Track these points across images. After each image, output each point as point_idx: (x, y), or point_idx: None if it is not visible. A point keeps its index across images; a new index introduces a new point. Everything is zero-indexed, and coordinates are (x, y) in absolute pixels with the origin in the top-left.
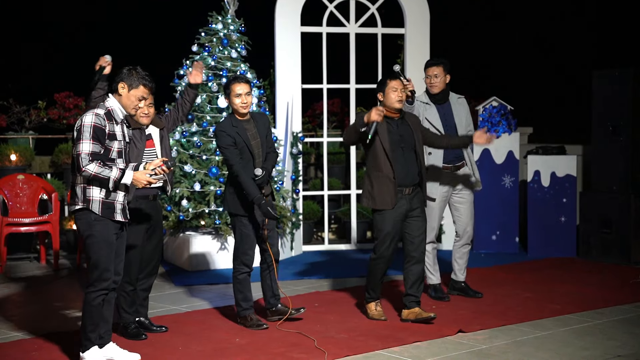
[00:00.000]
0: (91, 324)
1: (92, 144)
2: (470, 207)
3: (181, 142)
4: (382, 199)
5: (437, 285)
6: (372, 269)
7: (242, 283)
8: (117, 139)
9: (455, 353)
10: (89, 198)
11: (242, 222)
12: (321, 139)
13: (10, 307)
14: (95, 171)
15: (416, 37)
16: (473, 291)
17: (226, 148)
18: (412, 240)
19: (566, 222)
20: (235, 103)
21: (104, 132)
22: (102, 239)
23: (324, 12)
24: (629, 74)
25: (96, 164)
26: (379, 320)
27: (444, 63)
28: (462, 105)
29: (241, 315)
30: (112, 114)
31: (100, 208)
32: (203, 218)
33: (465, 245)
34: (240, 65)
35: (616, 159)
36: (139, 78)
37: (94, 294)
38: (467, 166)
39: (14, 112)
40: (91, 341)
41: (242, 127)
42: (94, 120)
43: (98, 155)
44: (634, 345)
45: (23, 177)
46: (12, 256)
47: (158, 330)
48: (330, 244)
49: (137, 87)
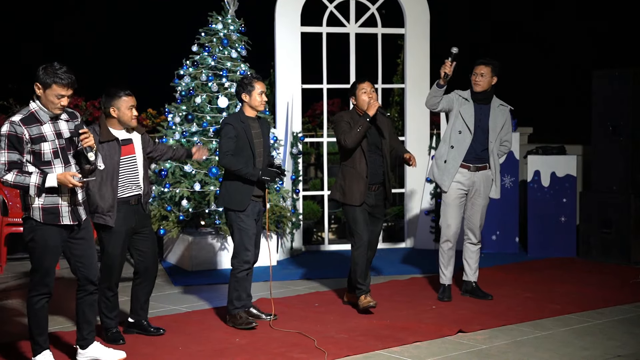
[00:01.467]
0: (37, 327)
1: (7, 153)
2: (483, 210)
3: (181, 142)
4: (352, 195)
5: (445, 286)
6: (357, 259)
7: (239, 281)
8: (46, 140)
9: (455, 353)
10: (29, 206)
11: (239, 217)
12: (321, 139)
13: (10, 307)
14: (13, 181)
15: (416, 37)
16: (483, 293)
17: (227, 138)
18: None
19: (566, 222)
20: (257, 100)
21: (21, 138)
22: (43, 244)
23: (324, 12)
24: (629, 74)
25: (14, 174)
26: (369, 306)
27: (494, 64)
28: (502, 113)
29: (231, 313)
30: (36, 115)
31: (42, 214)
32: (203, 218)
33: (473, 244)
34: (240, 65)
35: (616, 159)
36: (52, 76)
37: (36, 298)
38: (490, 171)
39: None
40: (40, 345)
41: (248, 124)
42: (8, 129)
43: (17, 164)
44: (634, 345)
45: None
46: (12, 256)
47: (155, 332)
48: (330, 244)
49: (50, 87)
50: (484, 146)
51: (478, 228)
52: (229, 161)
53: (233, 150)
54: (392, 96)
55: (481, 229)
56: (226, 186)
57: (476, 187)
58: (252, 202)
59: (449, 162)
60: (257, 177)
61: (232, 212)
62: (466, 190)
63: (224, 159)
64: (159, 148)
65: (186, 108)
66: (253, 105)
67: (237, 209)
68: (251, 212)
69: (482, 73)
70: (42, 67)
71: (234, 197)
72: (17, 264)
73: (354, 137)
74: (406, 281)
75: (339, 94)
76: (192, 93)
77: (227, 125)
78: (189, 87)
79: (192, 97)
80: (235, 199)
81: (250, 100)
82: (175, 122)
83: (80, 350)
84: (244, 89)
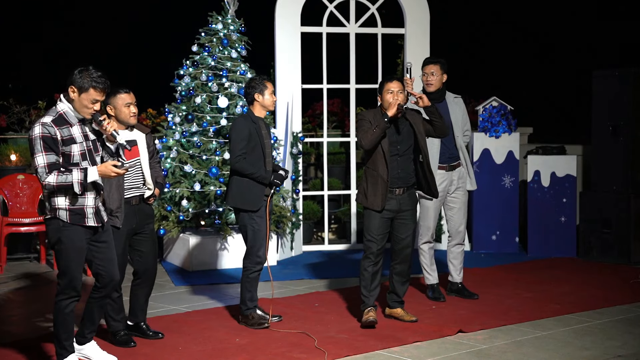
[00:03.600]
0: (65, 331)
1: (45, 155)
2: (464, 207)
3: (181, 142)
4: (373, 199)
5: (434, 286)
6: (362, 268)
7: (252, 282)
8: (75, 142)
9: (455, 353)
10: (55, 207)
11: (253, 218)
12: (321, 139)
13: (10, 307)
14: (57, 181)
15: (416, 37)
16: (469, 292)
17: (241, 139)
18: (399, 241)
19: (566, 222)
20: (270, 100)
21: (55, 139)
22: (70, 244)
23: (324, 12)
24: (629, 74)
25: (55, 174)
26: (367, 325)
27: (441, 62)
28: (458, 104)
29: (245, 313)
30: (65, 117)
31: (68, 215)
32: (203, 218)
33: (458, 245)
34: (240, 65)
35: (616, 159)
36: (89, 80)
37: (65, 302)
38: (462, 166)
39: (14, 112)
40: (67, 349)
41: (259, 125)
42: (41, 131)
43: (56, 165)
44: (634, 345)
45: (23, 177)
46: (12, 256)
47: (153, 336)
48: (330, 244)
49: (87, 91)
50: (452, 142)
51: (463, 227)
52: (242, 165)
53: (245, 153)
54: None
55: (465, 227)
56: (238, 186)
57: (454, 185)
58: (265, 201)
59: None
60: (269, 181)
61: (244, 213)
62: (444, 190)
63: (238, 163)
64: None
65: (186, 108)
66: (265, 105)
67: (251, 209)
68: (262, 212)
69: (433, 72)
70: (78, 71)
71: (247, 197)
72: (17, 264)
73: (369, 138)
74: None
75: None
76: (192, 93)
77: (239, 125)
78: (189, 87)
79: (192, 97)
80: (249, 199)
81: (263, 100)
82: (175, 122)
83: (77, 345)
84: (256, 89)
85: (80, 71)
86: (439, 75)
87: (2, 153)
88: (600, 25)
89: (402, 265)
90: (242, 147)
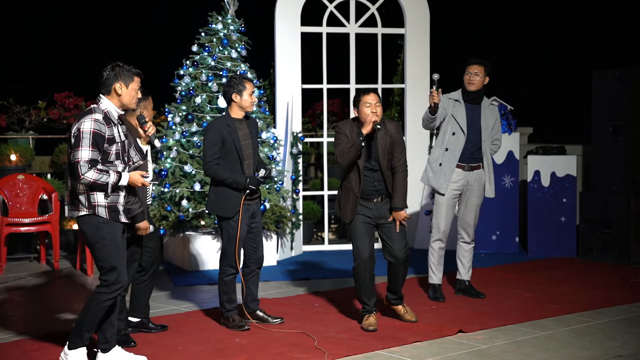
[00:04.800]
0: (91, 323)
1: (91, 151)
2: (476, 209)
3: (181, 142)
4: (344, 210)
5: (436, 286)
6: (356, 277)
7: (227, 285)
8: (115, 142)
9: (455, 353)
10: (94, 204)
11: (229, 224)
12: (321, 139)
13: (10, 307)
14: (94, 178)
15: (416, 37)
16: (476, 291)
17: (211, 145)
18: (391, 244)
19: (566, 222)
20: (248, 101)
21: (104, 137)
22: (112, 241)
23: (324, 12)
24: (629, 74)
25: (94, 172)
26: (367, 330)
27: (486, 65)
28: (492, 112)
29: (225, 316)
30: (109, 116)
31: (107, 212)
32: (203, 218)
33: (468, 243)
34: (240, 65)
35: (616, 159)
36: (129, 71)
37: (107, 296)
38: (484, 170)
39: (14, 112)
40: (82, 340)
41: (235, 127)
42: (93, 127)
43: (96, 162)
44: (634, 345)
45: (23, 177)
46: (12, 256)
47: (160, 329)
48: (330, 244)
49: (133, 80)
50: (477, 146)
51: (472, 227)
52: (214, 171)
53: (218, 158)
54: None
55: (475, 228)
56: (215, 192)
57: (470, 186)
58: (245, 205)
59: (444, 165)
60: (244, 186)
61: (221, 219)
62: (460, 190)
63: (209, 169)
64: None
65: (186, 108)
66: (243, 106)
67: (227, 216)
68: (243, 216)
69: (477, 72)
70: (110, 68)
71: (223, 203)
72: (17, 264)
73: (346, 158)
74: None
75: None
76: (192, 93)
77: (211, 130)
78: (189, 87)
79: (192, 97)
80: (224, 205)
81: (241, 100)
82: (175, 122)
83: (101, 353)
84: (234, 88)
85: (113, 68)
86: (482, 76)
87: (2, 153)
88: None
89: (398, 268)
90: (213, 153)
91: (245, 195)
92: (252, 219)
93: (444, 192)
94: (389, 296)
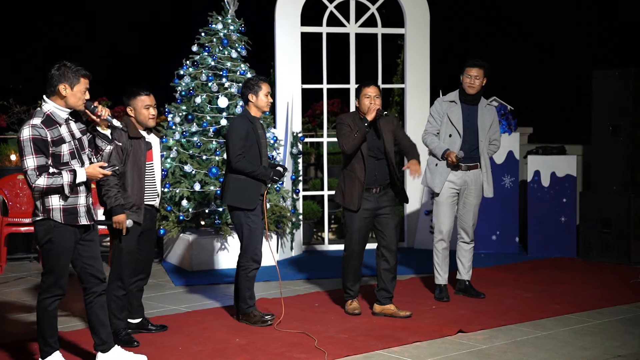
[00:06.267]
0: (50, 329)
1: (35, 158)
2: (475, 208)
3: (181, 142)
4: (350, 199)
5: (442, 286)
6: (345, 267)
7: (251, 280)
8: (65, 142)
9: (455, 353)
10: (49, 208)
11: (249, 216)
12: (321, 139)
13: (10, 307)
14: (46, 184)
15: (416, 37)
16: (476, 291)
17: (239, 139)
18: (384, 236)
19: (566, 222)
20: (264, 101)
21: (45, 141)
22: (60, 245)
23: (324, 12)
24: (629, 74)
25: (45, 177)
26: (353, 314)
27: (485, 67)
28: (490, 112)
29: (246, 312)
30: (52, 117)
31: (62, 215)
32: (203, 218)
33: (467, 243)
34: (240, 65)
35: (616, 159)
36: (75, 72)
37: (50, 300)
38: (482, 170)
39: (14, 112)
40: (52, 346)
41: (256, 124)
42: (31, 133)
43: (45, 167)
44: (634, 345)
45: (23, 177)
46: (12, 256)
47: (156, 330)
48: (330, 244)
49: (79, 82)
50: (474, 146)
51: (471, 227)
52: (243, 164)
53: (244, 152)
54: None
55: (474, 228)
56: (235, 184)
57: (468, 186)
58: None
59: (440, 165)
60: (269, 177)
61: (240, 211)
62: (458, 189)
63: (239, 162)
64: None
65: (186, 108)
66: (259, 106)
67: (248, 208)
68: (258, 210)
69: (477, 75)
70: (56, 68)
71: (244, 196)
72: (17, 264)
73: (351, 143)
74: (406, 281)
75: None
76: (192, 93)
77: (238, 125)
78: (189, 87)
79: (192, 97)
80: (246, 198)
81: (257, 100)
82: (175, 122)
83: (101, 354)
84: (250, 89)
85: (59, 68)
86: (481, 79)
87: (2, 153)
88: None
89: (390, 262)
90: (241, 146)
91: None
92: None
93: (439, 191)
94: (380, 295)
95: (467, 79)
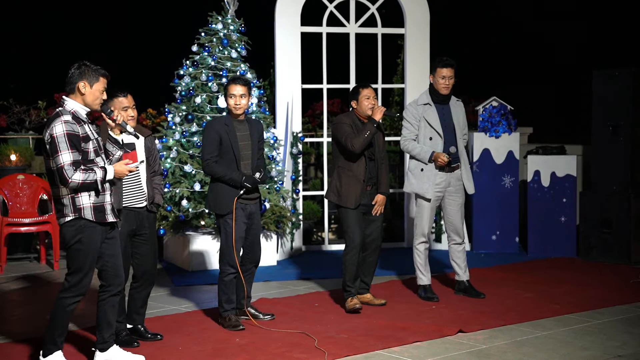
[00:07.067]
0: (61, 327)
1: (71, 153)
2: (461, 208)
3: (181, 142)
4: (347, 197)
5: (427, 286)
6: (347, 262)
7: (227, 285)
8: (90, 139)
9: (455, 353)
10: (79, 207)
11: (226, 221)
12: (321, 139)
13: (10, 307)
14: (82, 179)
15: (416, 37)
16: (476, 291)
17: (209, 144)
18: (369, 233)
19: (566, 222)
20: (229, 103)
21: (78, 137)
22: (89, 244)
23: (324, 12)
24: (629, 74)
25: (80, 172)
26: (354, 309)
27: (455, 65)
28: (460, 107)
29: (222, 315)
30: (77, 115)
31: (93, 213)
32: (203, 218)
33: (459, 244)
34: (240, 65)
35: (616, 159)
36: (95, 71)
37: (70, 300)
38: (462, 169)
39: (14, 112)
40: (56, 345)
41: (233, 127)
42: (65, 129)
43: (79, 162)
44: (634, 345)
45: (23, 177)
46: (12, 256)
47: (152, 338)
48: (330, 244)
49: (98, 80)
50: (454, 145)
51: (461, 227)
52: (211, 169)
53: (216, 156)
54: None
55: (463, 227)
56: (213, 189)
57: (451, 187)
58: (242, 204)
59: (426, 169)
60: (240, 183)
61: (219, 216)
62: (442, 192)
63: (207, 167)
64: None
65: (186, 108)
66: (230, 108)
67: (222, 213)
68: (240, 215)
69: (450, 76)
70: (76, 67)
71: (219, 200)
72: (17, 264)
73: (362, 142)
74: (406, 281)
75: (339, 94)
76: (192, 93)
77: (208, 129)
78: (189, 87)
79: (192, 97)
80: (221, 202)
81: (227, 103)
82: (175, 122)
83: (99, 353)
84: (224, 93)
85: (79, 66)
86: (454, 78)
87: (2, 153)
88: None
89: (372, 257)
90: (210, 151)
91: (241, 194)
92: (250, 220)
93: (430, 196)
94: (360, 286)
95: (441, 80)
